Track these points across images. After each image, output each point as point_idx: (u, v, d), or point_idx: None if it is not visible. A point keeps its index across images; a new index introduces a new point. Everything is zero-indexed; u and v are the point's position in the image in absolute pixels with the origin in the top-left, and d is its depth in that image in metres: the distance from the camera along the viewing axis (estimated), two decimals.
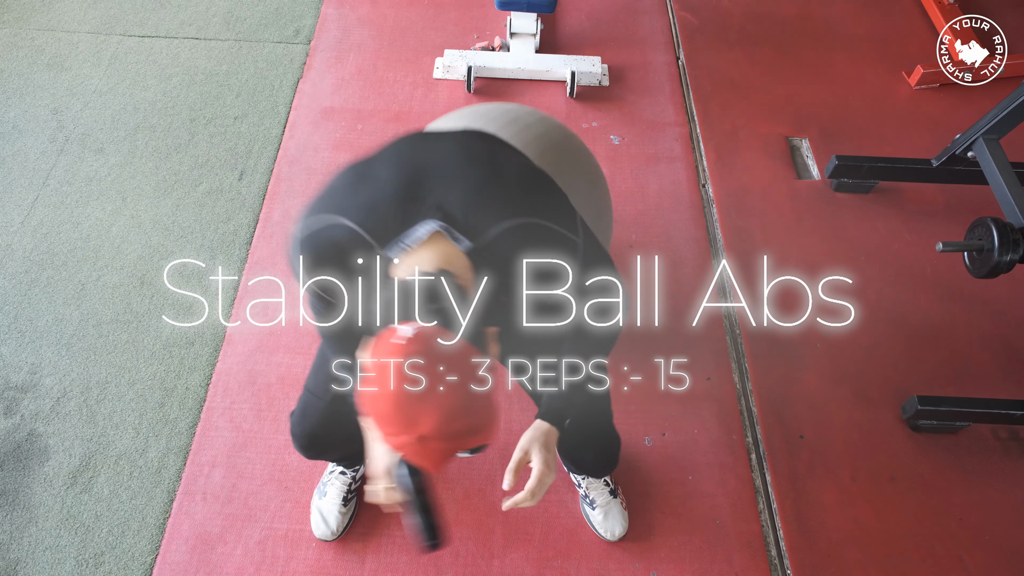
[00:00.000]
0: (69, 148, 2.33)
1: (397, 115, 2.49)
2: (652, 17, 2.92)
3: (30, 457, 1.72)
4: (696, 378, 1.91)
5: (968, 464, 1.80)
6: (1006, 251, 1.66)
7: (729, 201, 2.30)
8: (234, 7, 2.84)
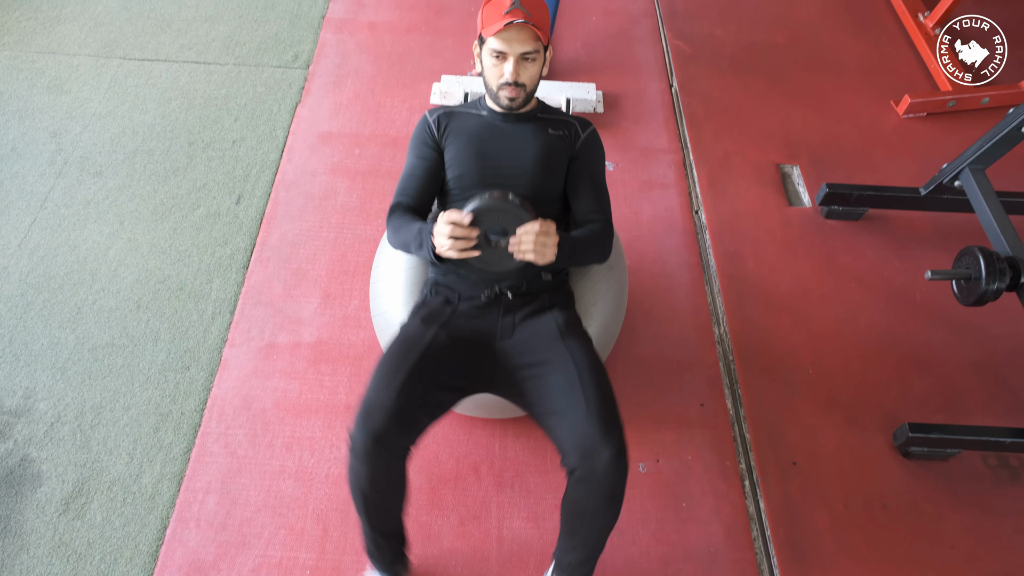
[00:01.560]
0: (67, 171, 2.34)
1: (394, 140, 2.51)
2: (646, 45, 2.97)
3: (22, 483, 1.71)
4: (690, 404, 1.93)
5: (959, 491, 1.81)
6: (993, 280, 1.69)
7: (722, 227, 2.33)
8: (234, 32, 2.87)
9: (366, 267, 2.14)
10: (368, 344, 1.98)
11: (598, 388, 1.33)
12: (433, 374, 1.37)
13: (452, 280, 1.54)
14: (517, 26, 1.45)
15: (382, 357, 1.39)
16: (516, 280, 1.51)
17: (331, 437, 1.81)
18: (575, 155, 1.60)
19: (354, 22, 2.96)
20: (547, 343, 1.43)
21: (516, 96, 1.53)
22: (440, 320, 1.46)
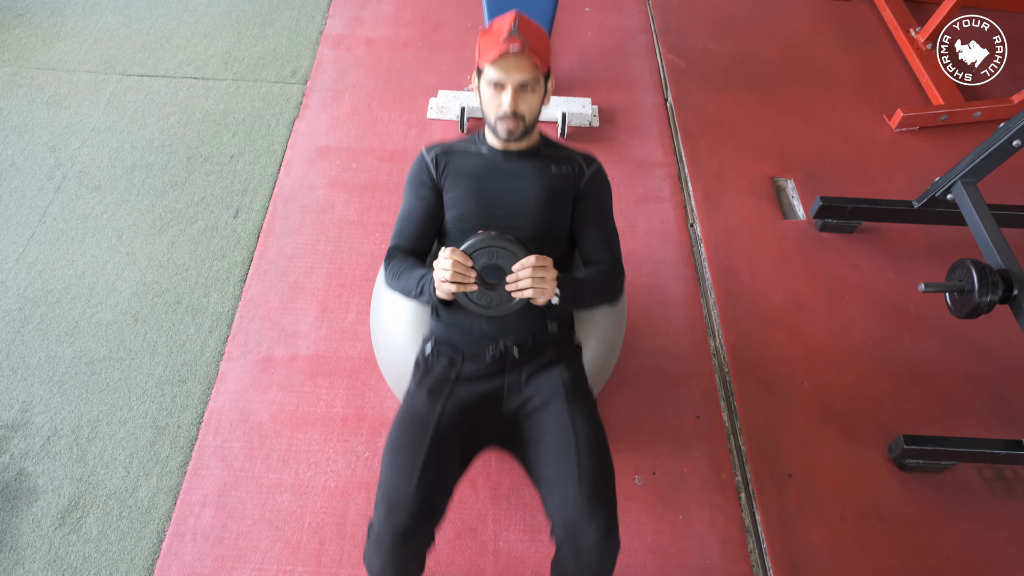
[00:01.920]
0: (66, 185, 2.36)
1: (391, 154, 2.53)
2: (641, 60, 3.00)
3: (18, 497, 1.71)
4: (686, 417, 1.93)
5: (955, 503, 1.82)
6: (986, 292, 1.70)
7: (717, 240, 2.34)
8: (232, 48, 2.90)
9: (363, 280, 2.15)
10: (365, 357, 1.99)
11: (592, 461, 1.30)
12: (447, 453, 1.33)
13: (454, 335, 1.49)
14: (515, 54, 1.39)
15: (394, 439, 1.34)
16: (521, 335, 1.46)
17: (327, 450, 1.81)
18: (580, 193, 1.54)
19: (352, 38, 2.98)
20: (551, 403, 1.39)
21: (515, 128, 1.46)
22: (446, 389, 1.41)
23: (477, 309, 1.35)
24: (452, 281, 1.30)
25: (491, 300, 1.34)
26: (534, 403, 1.41)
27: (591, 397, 1.45)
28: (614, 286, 1.51)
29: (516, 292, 1.32)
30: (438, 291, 1.34)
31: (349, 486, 1.75)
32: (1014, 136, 1.89)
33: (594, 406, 1.43)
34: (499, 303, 1.34)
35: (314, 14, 3.09)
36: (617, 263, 1.54)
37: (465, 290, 1.32)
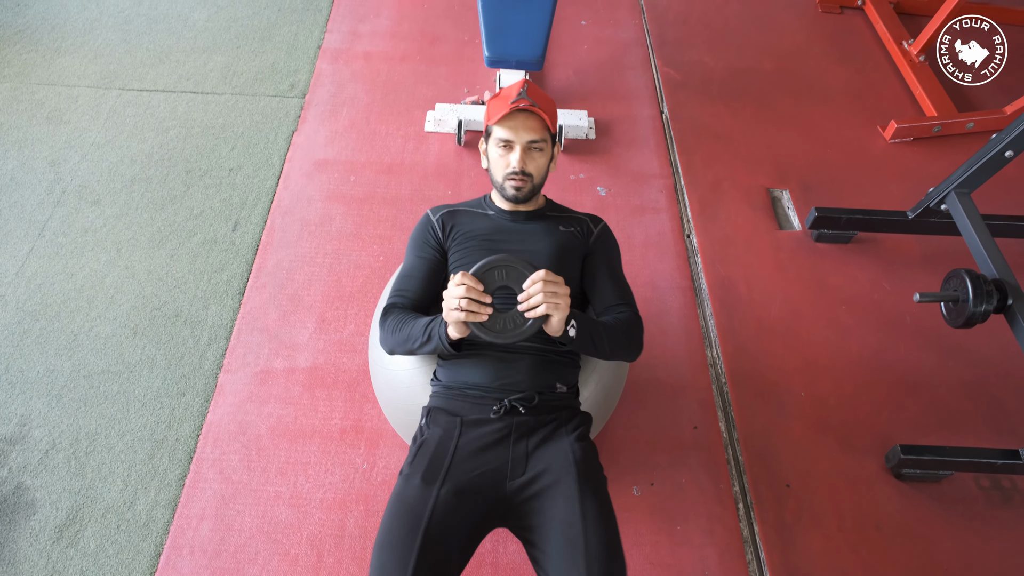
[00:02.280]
0: (66, 200, 2.37)
1: (389, 167, 2.55)
2: (636, 72, 3.02)
3: (16, 511, 1.71)
4: (683, 427, 1.94)
5: (952, 513, 1.82)
6: (980, 302, 1.71)
7: (713, 251, 2.35)
8: (231, 62, 2.92)
9: (361, 292, 2.16)
10: (363, 369, 1.99)
11: (604, 566, 1.18)
12: (443, 548, 1.20)
13: (454, 402, 1.41)
14: (524, 113, 1.43)
15: (384, 532, 1.22)
16: (527, 392, 1.38)
17: (326, 462, 1.81)
18: (589, 251, 1.54)
19: (349, 52, 3.01)
20: (559, 485, 1.28)
21: (523, 186, 1.46)
22: (442, 470, 1.29)
23: (490, 336, 1.27)
24: (465, 309, 1.24)
25: (504, 324, 1.28)
26: (541, 482, 1.29)
27: (602, 476, 1.35)
28: (634, 333, 1.45)
29: (529, 312, 1.26)
30: (449, 320, 1.28)
31: (347, 498, 1.76)
32: (1006, 147, 1.91)
33: (605, 488, 1.32)
34: (513, 327, 1.28)
35: (312, 29, 3.12)
36: (636, 314, 1.49)
37: (479, 319, 1.25)
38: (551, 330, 1.29)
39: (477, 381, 1.41)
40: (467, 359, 1.43)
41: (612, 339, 1.40)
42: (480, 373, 1.41)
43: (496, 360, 1.41)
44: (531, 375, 1.40)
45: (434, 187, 2.49)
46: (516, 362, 1.41)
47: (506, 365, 1.40)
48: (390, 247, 2.28)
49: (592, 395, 1.60)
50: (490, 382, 1.40)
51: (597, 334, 1.38)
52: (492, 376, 1.40)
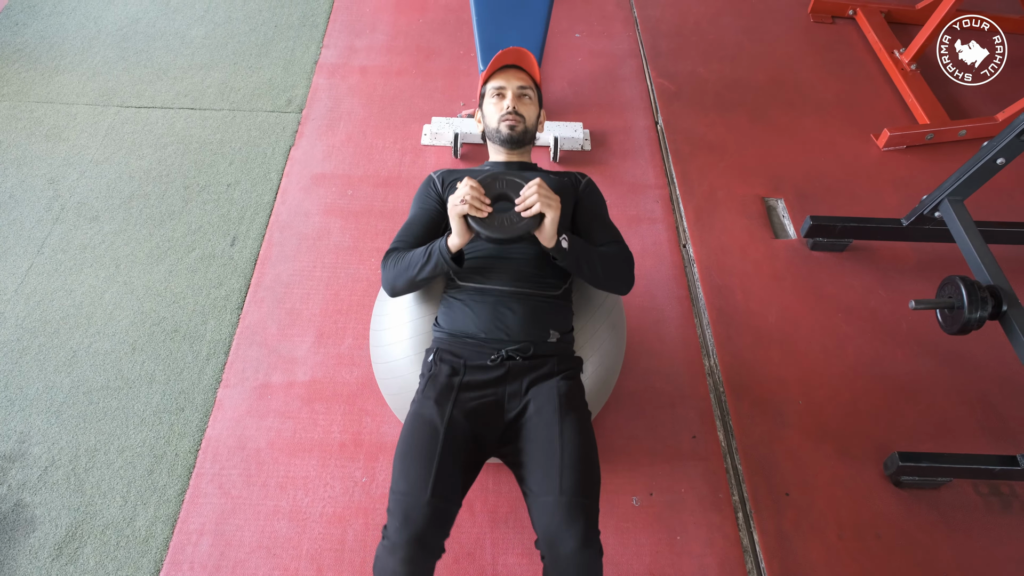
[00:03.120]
0: (64, 217, 2.38)
1: (386, 180, 2.56)
2: (631, 84, 3.04)
3: (15, 528, 1.71)
4: (682, 437, 1.94)
5: (951, 520, 1.82)
6: (975, 308, 1.72)
7: (709, 260, 2.37)
8: (228, 78, 2.94)
9: (360, 306, 2.17)
10: (362, 382, 2.00)
11: (574, 471, 1.31)
12: (457, 459, 1.35)
13: (456, 345, 1.51)
14: (512, 68, 1.69)
15: (405, 446, 1.37)
16: (523, 342, 1.48)
17: (325, 476, 1.81)
18: (579, 198, 1.65)
19: (346, 67, 3.03)
20: (542, 412, 1.42)
21: (516, 124, 1.63)
22: (451, 396, 1.43)
23: (489, 231, 1.40)
24: (469, 203, 1.39)
25: (502, 221, 1.41)
26: (529, 411, 1.44)
27: (585, 409, 1.47)
28: (625, 263, 1.56)
29: (525, 211, 1.40)
30: (452, 215, 1.41)
31: (347, 512, 1.76)
32: (998, 154, 1.93)
33: (587, 418, 1.44)
34: (509, 224, 1.41)
35: (309, 44, 3.14)
36: (625, 248, 1.60)
37: (479, 214, 1.40)
38: (544, 236, 1.42)
39: (474, 331, 1.50)
40: (465, 307, 1.52)
41: (604, 263, 1.52)
42: (477, 322, 1.50)
43: (491, 309, 1.51)
44: (525, 324, 1.49)
45: None
46: (511, 311, 1.50)
47: (501, 314, 1.50)
48: None
49: (591, 373, 1.65)
50: (487, 332, 1.49)
51: (588, 253, 1.50)
52: (489, 325, 1.50)
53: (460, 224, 1.42)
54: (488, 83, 1.70)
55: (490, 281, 1.53)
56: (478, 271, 1.54)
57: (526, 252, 1.55)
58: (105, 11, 3.25)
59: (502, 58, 1.69)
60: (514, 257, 1.55)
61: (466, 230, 1.43)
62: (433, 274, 1.49)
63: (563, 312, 1.57)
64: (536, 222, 1.41)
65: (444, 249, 1.45)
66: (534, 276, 1.54)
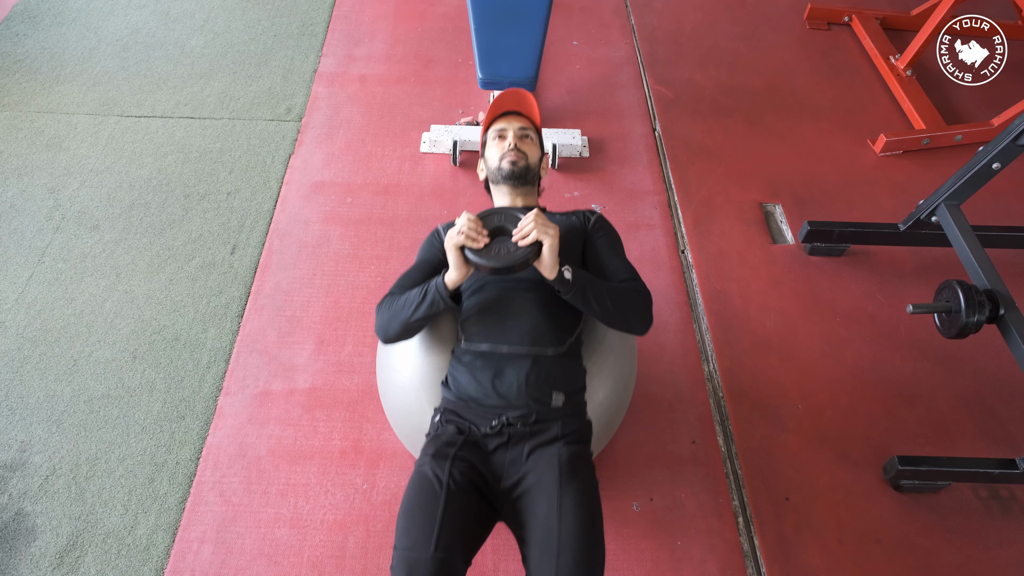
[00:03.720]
0: (65, 226, 2.39)
1: (385, 188, 2.57)
2: (628, 91, 3.06)
3: (17, 537, 1.71)
4: (681, 442, 1.94)
5: (951, 524, 1.82)
6: (973, 312, 1.73)
7: (708, 266, 2.37)
8: (228, 87, 2.96)
9: (359, 313, 2.18)
10: (362, 389, 2.00)
11: (573, 553, 1.23)
12: (462, 515, 1.29)
13: (462, 407, 1.46)
14: (513, 115, 1.69)
15: (407, 504, 1.32)
16: (525, 409, 1.42)
17: (326, 483, 1.82)
18: (589, 236, 1.60)
19: (345, 75, 3.05)
20: (541, 483, 1.33)
21: (518, 160, 1.58)
22: (450, 457, 1.36)
23: (486, 260, 1.37)
24: (466, 234, 1.37)
25: (499, 251, 1.39)
26: (527, 481, 1.36)
27: (589, 476, 1.38)
28: (640, 299, 1.49)
29: (523, 240, 1.36)
30: (449, 247, 1.39)
31: (348, 519, 1.76)
32: (993, 159, 1.94)
33: (591, 487, 1.36)
34: (507, 253, 1.38)
35: (308, 53, 3.16)
36: (641, 284, 1.53)
37: (475, 245, 1.38)
38: (544, 266, 1.37)
39: (476, 396, 1.45)
40: (468, 370, 1.47)
41: (615, 297, 1.44)
42: (478, 387, 1.45)
43: (492, 372, 1.45)
44: (526, 388, 1.43)
45: (430, 207, 2.51)
46: (511, 375, 1.44)
47: (502, 378, 1.44)
48: (387, 267, 2.30)
49: (600, 404, 1.61)
50: (488, 397, 1.44)
51: (596, 285, 1.43)
52: (490, 390, 1.44)
53: (457, 256, 1.39)
54: (489, 129, 1.69)
55: (490, 340, 1.47)
56: (479, 331, 1.49)
57: (528, 306, 1.49)
58: (105, 21, 3.26)
59: (502, 104, 1.68)
60: (515, 313, 1.48)
61: (463, 262, 1.39)
62: (429, 313, 1.44)
63: (569, 371, 1.49)
64: (534, 251, 1.37)
65: (441, 286, 1.41)
66: (536, 334, 1.46)
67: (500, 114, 1.70)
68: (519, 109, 1.70)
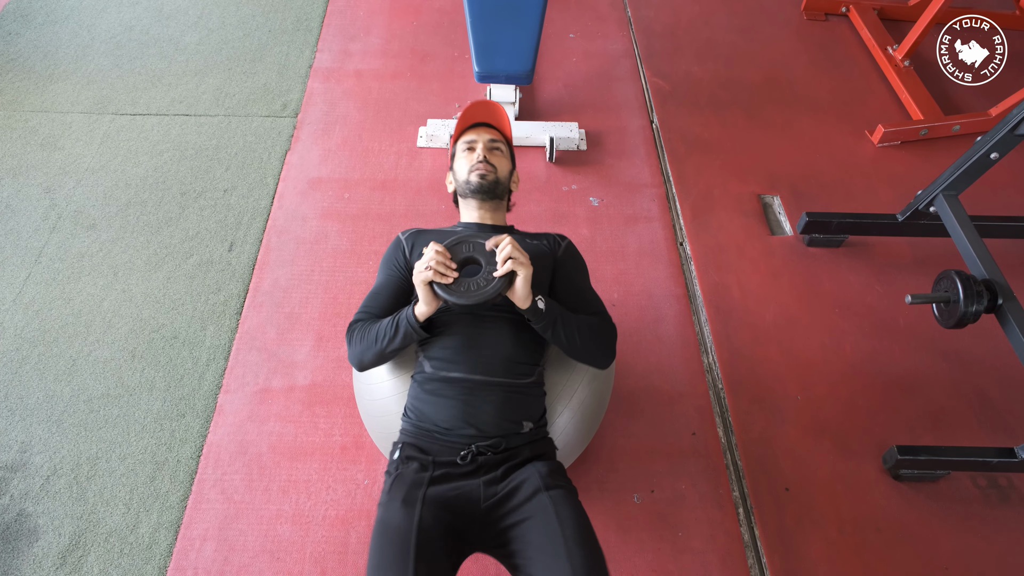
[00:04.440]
0: (61, 225, 2.38)
1: (383, 184, 2.57)
2: (626, 84, 3.05)
3: (19, 538, 1.71)
4: (681, 434, 1.95)
5: (951, 513, 1.83)
6: (971, 302, 1.73)
7: (706, 258, 2.37)
8: (223, 84, 2.95)
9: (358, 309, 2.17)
10: None
11: (584, 549, 1.22)
12: (434, 564, 1.21)
13: (424, 440, 1.41)
14: (483, 126, 1.67)
15: (375, 560, 1.23)
16: (494, 438, 1.40)
17: (327, 479, 1.82)
18: (558, 262, 1.56)
19: (341, 71, 3.04)
20: (533, 499, 1.30)
21: (487, 173, 1.55)
22: (419, 494, 1.30)
23: (456, 297, 1.33)
24: (435, 269, 1.32)
25: (469, 287, 1.34)
26: (514, 499, 1.32)
27: (571, 485, 1.37)
28: (605, 333, 1.49)
29: (496, 271, 1.33)
30: (417, 283, 1.34)
31: (350, 514, 1.76)
32: (991, 149, 1.94)
33: (575, 493, 1.36)
34: (477, 288, 1.34)
35: (303, 49, 3.14)
36: (607, 318, 1.52)
37: (445, 280, 1.33)
38: (517, 297, 1.35)
39: (443, 425, 1.40)
40: (434, 398, 1.43)
41: (583, 331, 1.43)
42: (445, 417, 1.40)
43: (461, 402, 1.41)
44: (496, 418, 1.40)
45: (428, 202, 2.51)
46: (481, 404, 1.41)
47: (472, 407, 1.40)
48: None
49: (568, 421, 1.58)
50: (456, 427, 1.40)
51: (566, 318, 1.42)
52: (458, 420, 1.40)
53: (426, 292, 1.35)
54: (459, 141, 1.65)
55: (458, 369, 1.42)
56: (450, 358, 1.44)
57: (501, 335, 1.46)
58: (98, 19, 3.25)
59: (472, 115, 1.66)
60: (488, 342, 1.45)
61: (432, 298, 1.36)
62: (403, 344, 1.42)
63: (536, 400, 1.48)
64: (506, 283, 1.34)
65: (412, 318, 1.38)
66: (504, 364, 1.43)
67: (469, 125, 1.67)
68: (489, 121, 1.68)
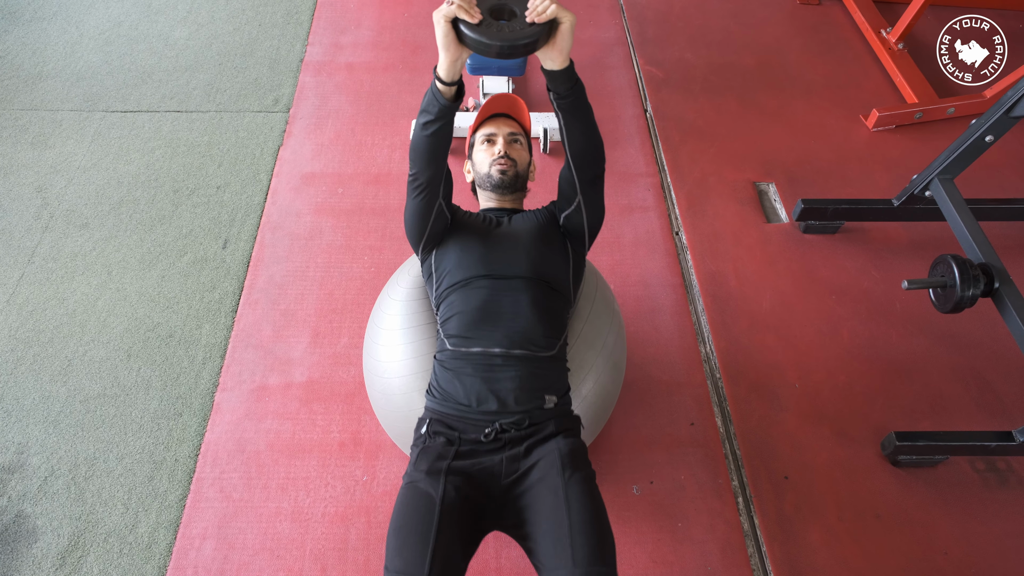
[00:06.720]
0: (54, 225, 2.37)
1: (377, 178, 2.55)
2: (619, 72, 3.03)
3: (18, 540, 1.71)
4: (680, 424, 1.95)
5: (950, 497, 1.84)
6: (967, 287, 1.73)
7: (702, 247, 2.37)
8: (214, 79, 2.92)
9: (354, 304, 2.17)
10: (359, 381, 2.00)
11: (588, 540, 1.22)
12: (455, 533, 1.25)
13: (451, 415, 1.42)
14: (502, 117, 1.67)
15: (398, 522, 1.27)
16: (519, 415, 1.40)
17: (326, 476, 1.82)
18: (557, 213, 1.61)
19: (332, 64, 3.01)
20: (545, 479, 1.32)
21: (507, 168, 1.59)
22: (444, 467, 1.33)
23: (484, 37, 1.17)
24: (459, 4, 1.18)
25: (502, 29, 1.19)
26: (530, 479, 1.35)
27: (589, 468, 1.38)
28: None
29: (538, 17, 1.19)
30: (436, 22, 1.21)
31: (349, 511, 1.76)
32: (986, 132, 1.93)
33: (592, 477, 1.36)
34: (511, 31, 1.19)
35: (294, 42, 3.12)
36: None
37: (470, 19, 1.18)
38: (559, 49, 1.23)
39: (466, 402, 1.41)
40: (455, 376, 1.43)
41: (591, 117, 1.44)
42: (468, 394, 1.41)
43: (482, 378, 1.42)
44: (519, 394, 1.41)
45: None
46: (503, 380, 1.41)
47: (493, 384, 1.41)
48: (381, 258, 2.29)
49: (588, 397, 1.61)
50: (479, 404, 1.40)
51: (585, 96, 1.38)
52: (481, 397, 1.40)
53: (447, 32, 1.21)
54: (478, 131, 1.67)
55: (477, 344, 1.44)
56: (468, 333, 1.45)
57: (520, 308, 1.46)
58: (86, 15, 3.22)
59: (492, 106, 1.66)
60: (507, 315, 1.45)
61: (455, 41, 1.22)
62: (432, 113, 1.32)
63: (559, 374, 1.48)
64: (546, 30, 1.19)
65: (434, 78, 1.29)
66: (526, 335, 1.44)
67: (489, 116, 1.68)
68: (509, 112, 1.68)
